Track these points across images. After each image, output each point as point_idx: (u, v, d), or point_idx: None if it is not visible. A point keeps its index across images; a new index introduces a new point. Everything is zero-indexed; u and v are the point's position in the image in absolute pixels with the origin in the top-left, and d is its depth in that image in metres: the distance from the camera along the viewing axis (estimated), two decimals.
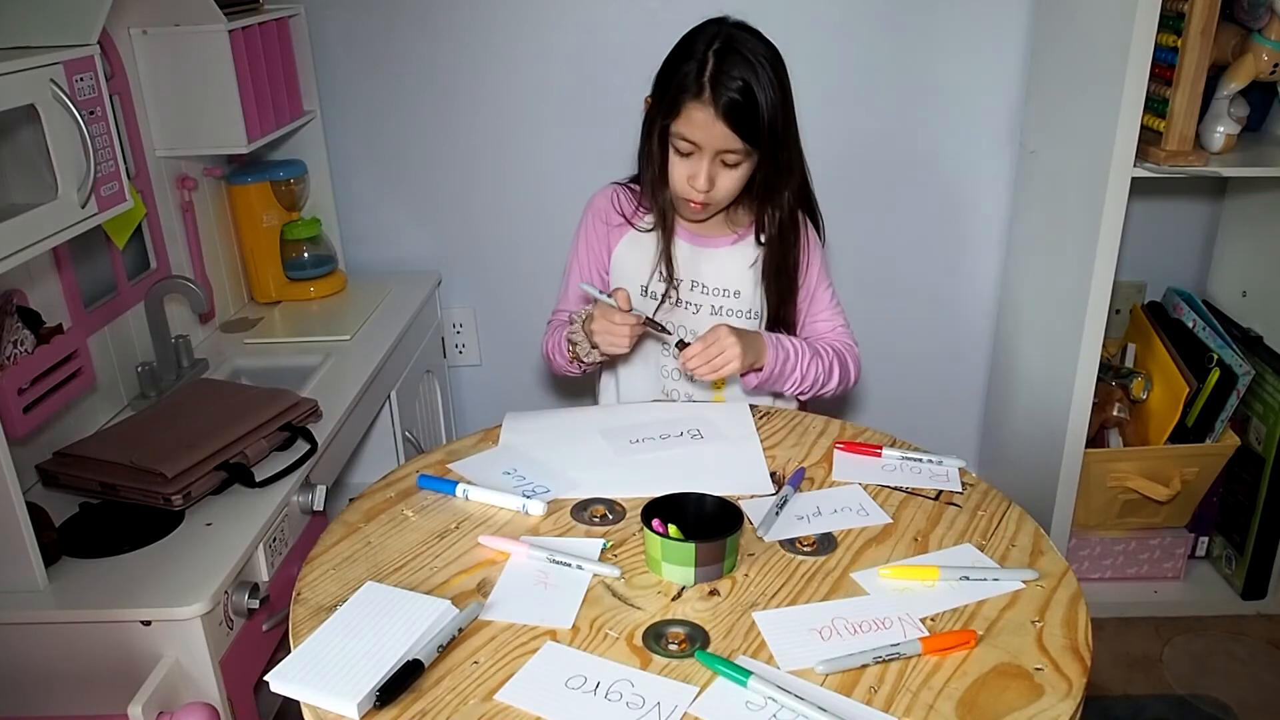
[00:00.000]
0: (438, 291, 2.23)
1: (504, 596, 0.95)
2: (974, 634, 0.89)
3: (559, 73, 2.09)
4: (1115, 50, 1.68)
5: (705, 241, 1.49)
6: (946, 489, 1.15)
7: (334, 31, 2.07)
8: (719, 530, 0.98)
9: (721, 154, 1.34)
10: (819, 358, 1.45)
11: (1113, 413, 2.03)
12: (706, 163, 1.34)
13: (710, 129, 1.31)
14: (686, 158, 1.36)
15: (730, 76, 1.29)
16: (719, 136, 1.32)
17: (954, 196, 2.21)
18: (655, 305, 1.47)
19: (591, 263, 1.53)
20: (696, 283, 1.49)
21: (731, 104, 1.29)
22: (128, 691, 1.10)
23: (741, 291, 1.48)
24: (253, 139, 1.75)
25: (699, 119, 1.31)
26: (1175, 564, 2.11)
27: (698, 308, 1.49)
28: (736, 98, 1.29)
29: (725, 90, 1.29)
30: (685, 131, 1.33)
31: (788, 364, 1.41)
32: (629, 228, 1.49)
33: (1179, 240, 2.25)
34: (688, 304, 1.49)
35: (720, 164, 1.35)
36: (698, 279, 1.48)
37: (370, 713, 0.81)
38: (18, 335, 1.27)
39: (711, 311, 1.48)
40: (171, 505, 1.26)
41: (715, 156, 1.34)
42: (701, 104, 1.30)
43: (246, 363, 1.81)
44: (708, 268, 1.48)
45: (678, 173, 1.37)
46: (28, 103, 1.13)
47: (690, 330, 1.47)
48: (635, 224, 1.49)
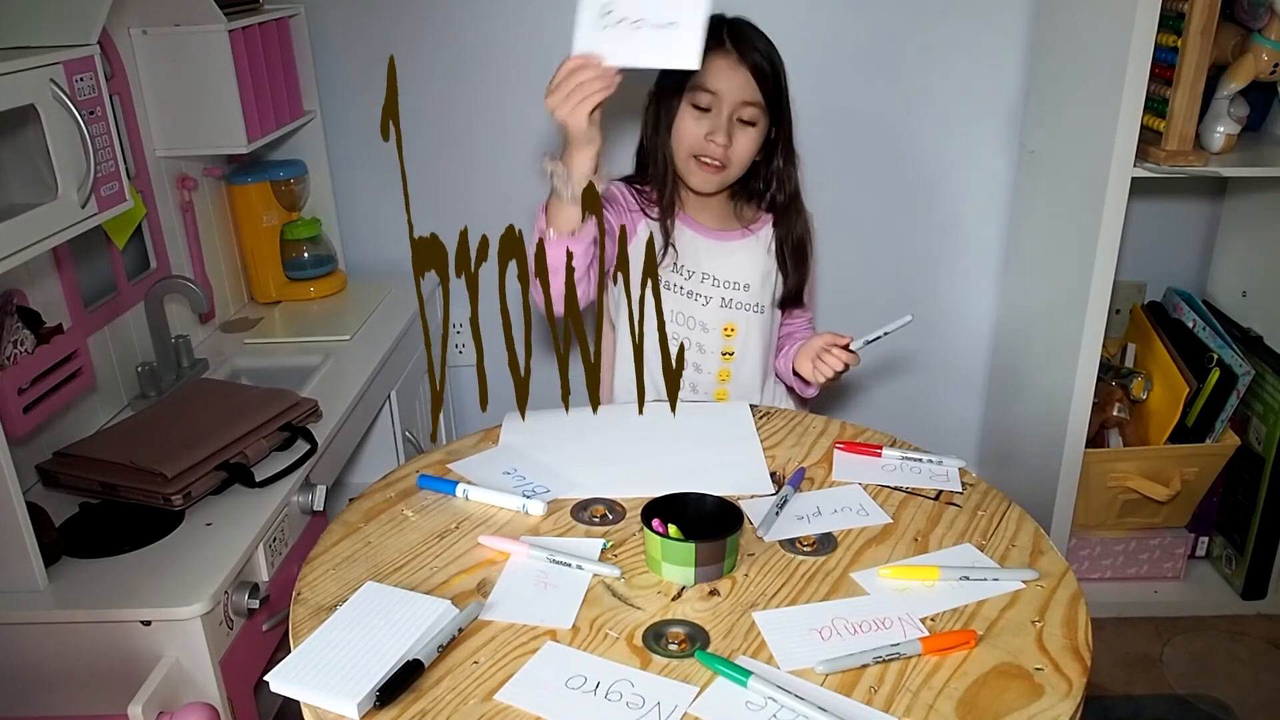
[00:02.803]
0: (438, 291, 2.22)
1: (504, 596, 0.95)
2: (974, 634, 0.89)
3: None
4: (1115, 50, 1.68)
5: (716, 235, 1.49)
6: (946, 489, 1.15)
7: (334, 31, 2.07)
8: (719, 530, 0.98)
9: (740, 108, 1.39)
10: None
11: (1113, 413, 2.03)
12: (725, 118, 1.39)
13: (733, 77, 1.38)
14: (705, 114, 1.40)
15: (749, 39, 1.39)
16: (740, 84, 1.38)
17: (954, 196, 2.20)
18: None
19: (617, 216, 1.45)
20: (707, 275, 1.49)
21: (754, 59, 1.38)
22: (128, 691, 1.10)
23: (751, 285, 1.49)
24: (253, 139, 1.75)
25: (723, 66, 1.38)
26: (1175, 564, 2.11)
27: (707, 300, 1.49)
28: (757, 52, 1.38)
29: (745, 44, 1.38)
30: (707, 81, 1.38)
31: None
32: (643, 216, 1.50)
33: (1179, 240, 2.25)
34: (697, 295, 1.49)
35: (738, 122, 1.40)
36: (709, 271, 1.49)
37: (370, 713, 0.81)
38: (18, 335, 1.27)
39: (721, 304, 1.49)
40: (171, 505, 1.26)
41: (733, 112, 1.39)
42: (724, 53, 1.38)
43: (246, 363, 1.81)
44: (719, 260, 1.49)
45: (695, 130, 1.41)
46: (28, 103, 1.13)
47: (699, 322, 1.48)
48: (649, 214, 1.49)
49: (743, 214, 1.51)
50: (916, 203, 2.21)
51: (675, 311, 1.49)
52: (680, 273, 1.49)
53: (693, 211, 1.50)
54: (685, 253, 1.49)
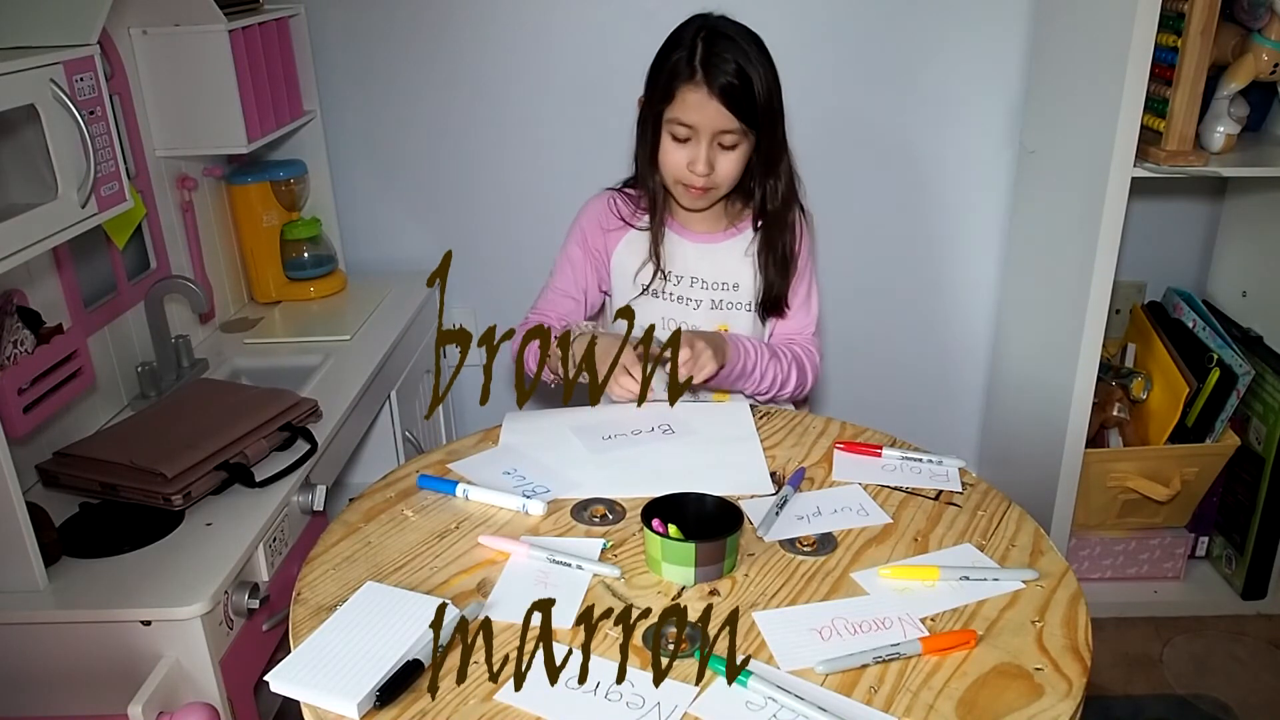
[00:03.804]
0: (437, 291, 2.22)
1: (504, 596, 0.95)
2: (974, 634, 0.89)
3: (558, 73, 2.09)
4: (1115, 50, 1.68)
5: (703, 237, 1.49)
6: (946, 489, 1.15)
7: (334, 31, 2.07)
8: (719, 530, 0.98)
9: (718, 136, 1.35)
10: (777, 359, 1.46)
11: (1113, 413, 2.03)
12: (704, 146, 1.35)
13: (705, 109, 1.33)
14: (684, 144, 1.37)
15: (721, 58, 1.31)
16: (714, 116, 1.33)
17: (954, 196, 2.20)
18: (640, 291, 1.48)
19: (589, 268, 1.52)
20: (696, 278, 1.49)
21: (724, 83, 1.31)
22: (128, 691, 1.10)
23: (740, 284, 1.49)
24: (253, 139, 1.75)
25: (693, 100, 1.33)
26: (1175, 564, 2.11)
27: (698, 303, 1.49)
28: (729, 78, 1.31)
29: (717, 70, 1.31)
30: (680, 115, 1.34)
31: (747, 363, 1.42)
32: (628, 229, 1.50)
33: (1179, 240, 2.25)
34: (687, 300, 1.49)
35: (718, 147, 1.36)
36: (697, 275, 1.49)
37: (370, 713, 0.81)
38: (18, 335, 1.27)
39: (712, 306, 1.49)
40: (171, 505, 1.26)
41: (712, 139, 1.35)
42: (694, 85, 1.32)
43: (246, 363, 1.81)
44: (706, 263, 1.49)
45: (676, 159, 1.38)
46: (28, 103, 1.13)
47: (691, 326, 1.48)
48: (634, 224, 1.49)
49: (733, 212, 1.50)
50: (916, 202, 2.21)
51: (666, 318, 1.49)
52: (669, 280, 1.49)
53: (680, 217, 1.50)
54: (673, 258, 1.49)
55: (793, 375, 1.47)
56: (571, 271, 1.53)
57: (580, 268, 1.52)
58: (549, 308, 1.53)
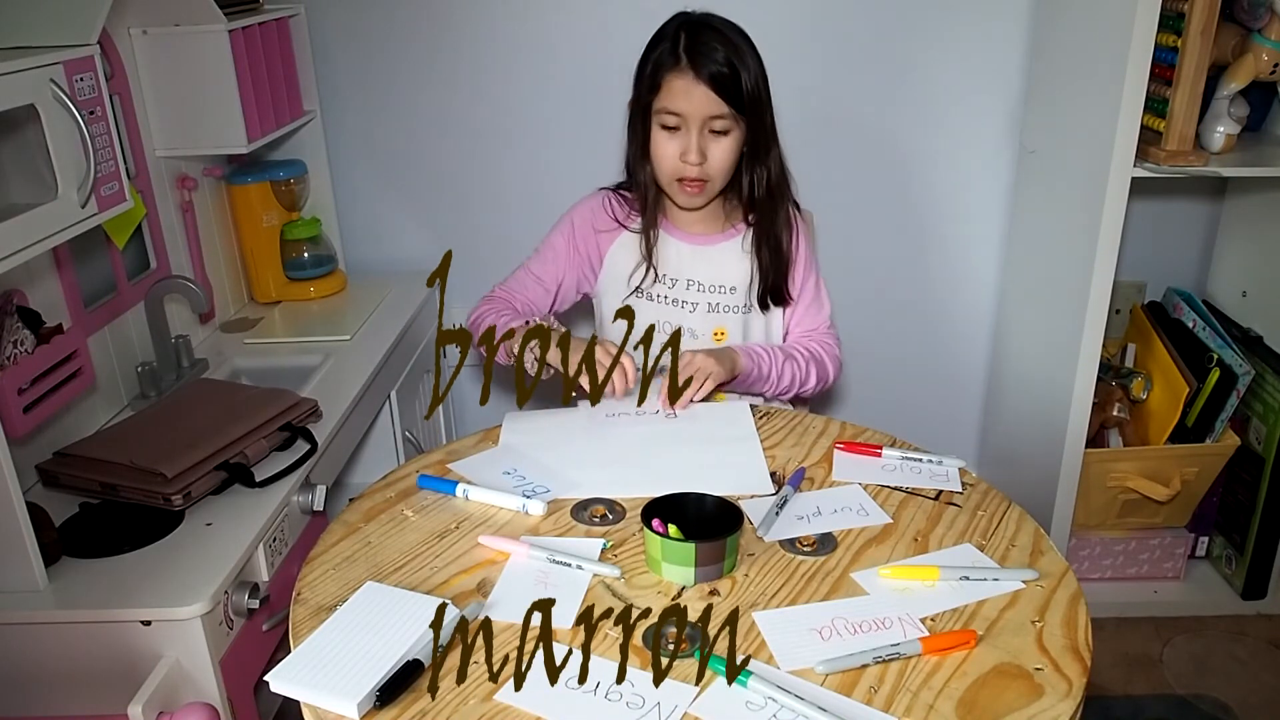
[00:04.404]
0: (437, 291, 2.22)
1: (504, 596, 0.95)
2: (974, 634, 0.89)
3: (559, 72, 2.09)
4: (1115, 50, 1.68)
5: (699, 240, 1.49)
6: (946, 489, 1.15)
7: (334, 31, 2.07)
8: (719, 530, 0.98)
9: (708, 122, 1.36)
10: (793, 360, 1.47)
11: (1113, 413, 2.03)
12: (695, 135, 1.36)
13: (691, 95, 1.34)
14: (674, 134, 1.37)
15: (706, 45, 1.33)
16: (701, 101, 1.34)
17: (954, 196, 2.20)
18: (630, 292, 1.49)
19: (569, 264, 1.52)
20: (693, 281, 1.49)
21: (711, 68, 1.33)
22: (128, 691, 1.10)
23: (737, 287, 1.49)
24: (253, 139, 1.75)
25: (679, 87, 1.34)
26: (1175, 564, 2.11)
27: (694, 306, 1.49)
28: (715, 63, 1.33)
29: (702, 56, 1.33)
30: (668, 104, 1.35)
31: (762, 368, 1.43)
32: (622, 230, 1.50)
33: (1179, 240, 2.25)
34: (684, 303, 1.49)
35: (709, 134, 1.37)
36: (694, 277, 1.49)
37: (370, 713, 0.81)
38: (18, 335, 1.27)
39: (709, 309, 1.49)
40: (171, 505, 1.26)
41: (703, 126, 1.36)
42: (680, 72, 1.34)
43: (246, 363, 1.81)
44: (701, 265, 1.49)
45: (668, 151, 1.38)
46: (28, 103, 1.13)
47: (688, 329, 1.48)
48: (629, 226, 1.49)
49: (730, 213, 1.50)
50: (916, 203, 2.21)
51: (663, 321, 1.49)
52: (664, 282, 1.49)
53: (675, 218, 1.50)
54: (669, 261, 1.49)
55: (812, 372, 1.48)
56: (551, 260, 1.52)
57: (560, 260, 1.52)
58: (518, 289, 1.52)
